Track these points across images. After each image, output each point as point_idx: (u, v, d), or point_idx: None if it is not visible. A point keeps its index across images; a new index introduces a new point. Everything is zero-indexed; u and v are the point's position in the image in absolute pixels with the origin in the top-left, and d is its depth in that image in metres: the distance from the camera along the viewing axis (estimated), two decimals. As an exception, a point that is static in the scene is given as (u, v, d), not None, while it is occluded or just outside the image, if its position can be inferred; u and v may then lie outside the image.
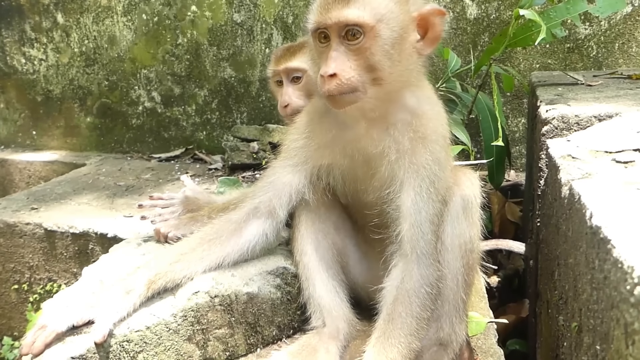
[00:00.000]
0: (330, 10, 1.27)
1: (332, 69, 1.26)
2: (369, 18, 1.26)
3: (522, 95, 3.07)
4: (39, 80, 4.20)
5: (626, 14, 2.84)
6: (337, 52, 1.28)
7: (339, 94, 1.28)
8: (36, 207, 2.79)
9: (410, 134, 1.36)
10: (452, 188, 1.46)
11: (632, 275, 0.72)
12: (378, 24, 1.27)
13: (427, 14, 1.33)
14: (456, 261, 1.45)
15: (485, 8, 3.06)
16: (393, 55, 1.29)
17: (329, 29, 1.29)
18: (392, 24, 1.28)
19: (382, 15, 1.27)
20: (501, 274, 2.42)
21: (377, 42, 1.27)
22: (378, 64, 1.28)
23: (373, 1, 1.28)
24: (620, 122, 1.55)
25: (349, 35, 1.27)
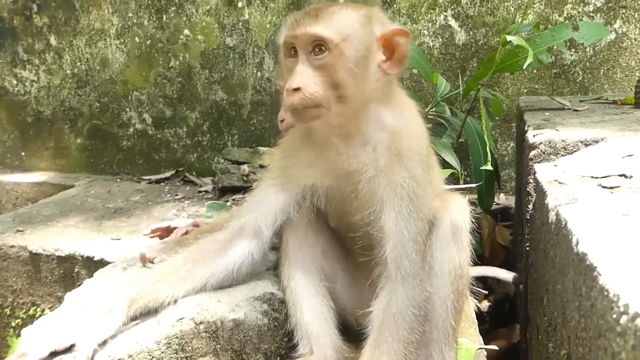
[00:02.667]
0: (299, 25, 1.33)
1: (297, 82, 1.30)
2: (334, 35, 1.30)
3: (511, 120, 3.10)
4: (30, 102, 4.19)
5: (610, 41, 2.89)
6: (304, 67, 1.32)
7: (302, 107, 1.31)
8: (22, 230, 2.75)
9: (386, 151, 1.38)
10: (441, 212, 1.45)
11: (618, 304, 0.71)
12: (343, 42, 1.31)
13: (391, 35, 1.38)
14: (445, 287, 1.43)
15: (473, 34, 3.11)
16: (357, 74, 1.33)
17: (296, 43, 1.33)
18: (356, 43, 1.33)
19: (347, 35, 1.32)
20: (492, 299, 2.40)
21: (341, 60, 1.31)
22: (342, 81, 1.32)
23: (339, 21, 1.33)
24: (606, 147, 1.56)
25: (315, 51, 1.32)
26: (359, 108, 1.38)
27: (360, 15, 1.36)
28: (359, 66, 1.33)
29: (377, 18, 1.40)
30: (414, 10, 3.19)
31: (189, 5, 3.63)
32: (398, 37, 1.38)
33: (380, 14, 1.42)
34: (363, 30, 1.35)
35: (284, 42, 1.37)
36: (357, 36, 1.33)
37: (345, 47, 1.31)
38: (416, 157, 1.40)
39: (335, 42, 1.30)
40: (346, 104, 1.34)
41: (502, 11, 3.04)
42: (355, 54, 1.32)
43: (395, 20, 3.22)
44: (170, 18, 3.68)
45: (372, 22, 1.37)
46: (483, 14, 3.07)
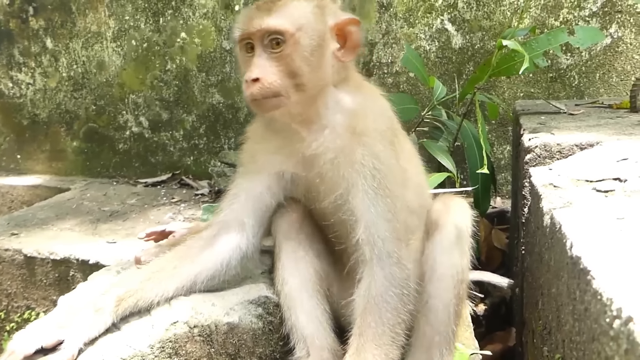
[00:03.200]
0: (253, 19, 1.36)
1: (255, 73, 1.33)
2: (289, 26, 1.35)
3: (507, 123, 3.11)
4: (26, 104, 4.18)
5: (606, 46, 2.90)
6: (261, 58, 1.36)
7: (262, 97, 1.34)
8: (16, 233, 2.74)
9: (344, 132, 1.42)
10: (444, 216, 1.46)
11: (611, 308, 0.71)
12: (298, 32, 1.36)
13: (343, 24, 1.42)
14: (448, 292, 1.43)
15: (469, 38, 3.11)
16: (313, 62, 1.38)
17: (252, 37, 1.37)
18: (311, 32, 1.38)
19: (301, 25, 1.37)
20: (488, 302, 2.40)
21: (297, 49, 1.35)
22: (299, 69, 1.36)
23: (293, 12, 1.38)
24: (601, 151, 1.56)
25: (272, 44, 1.35)
26: (316, 94, 1.41)
27: (312, 6, 1.40)
28: (314, 54, 1.37)
29: (329, 8, 1.44)
30: (410, 14, 3.20)
31: (186, 8, 3.63)
32: (350, 26, 1.42)
33: (332, 5, 1.47)
34: (316, 20, 1.39)
35: (240, 38, 1.40)
36: (311, 26, 1.38)
37: (301, 36, 1.36)
38: (374, 133, 1.40)
39: (290, 32, 1.34)
40: (304, 91, 1.37)
41: (499, 15, 3.05)
42: (310, 43, 1.37)
43: (393, 25, 3.23)
44: (167, 21, 3.68)
45: (324, 12, 1.42)
46: (479, 18, 3.08)
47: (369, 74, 3.33)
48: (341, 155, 1.39)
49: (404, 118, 2.64)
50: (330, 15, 1.43)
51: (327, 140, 1.41)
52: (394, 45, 3.25)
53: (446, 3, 3.12)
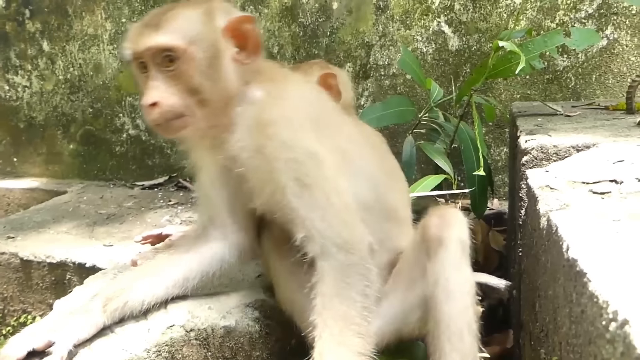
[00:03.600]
0: (141, 38, 1.29)
1: (152, 97, 1.26)
2: (179, 42, 1.27)
3: (504, 125, 3.11)
4: (22, 107, 4.17)
5: (602, 47, 2.91)
6: (156, 79, 1.28)
7: (165, 121, 1.28)
8: (13, 236, 2.73)
9: (254, 126, 1.32)
10: (446, 230, 1.37)
11: (607, 310, 0.71)
12: (190, 46, 1.27)
13: (235, 25, 1.34)
14: (468, 309, 1.34)
15: (466, 40, 3.12)
16: (212, 74, 1.30)
17: (143, 57, 1.29)
18: (204, 43, 1.29)
19: (192, 37, 1.28)
20: (485, 304, 2.40)
21: (192, 64, 1.28)
22: (198, 85, 1.29)
23: (181, 25, 1.29)
24: (598, 153, 1.57)
25: (165, 61, 1.28)
26: (223, 104, 1.34)
27: (200, 13, 1.32)
28: (212, 66, 1.30)
29: (218, 10, 1.36)
30: (407, 16, 3.20)
31: (183, 11, 3.62)
32: (244, 25, 1.34)
33: (221, 5, 1.38)
34: (207, 28, 1.31)
35: (129, 58, 1.33)
36: (203, 36, 1.30)
37: (193, 50, 1.28)
38: (281, 121, 1.30)
39: (181, 48, 1.27)
40: (209, 105, 1.31)
41: (495, 17, 3.06)
42: (205, 55, 1.29)
43: (390, 27, 3.23)
44: (164, 24, 3.67)
45: (213, 16, 1.33)
46: (476, 20, 3.08)
47: (365, 77, 3.34)
48: (255, 153, 1.31)
49: (401, 120, 2.66)
50: (220, 17, 1.34)
51: (240, 139, 1.33)
52: (391, 47, 3.26)
53: (443, 5, 3.13)
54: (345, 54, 3.35)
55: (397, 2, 3.20)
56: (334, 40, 3.35)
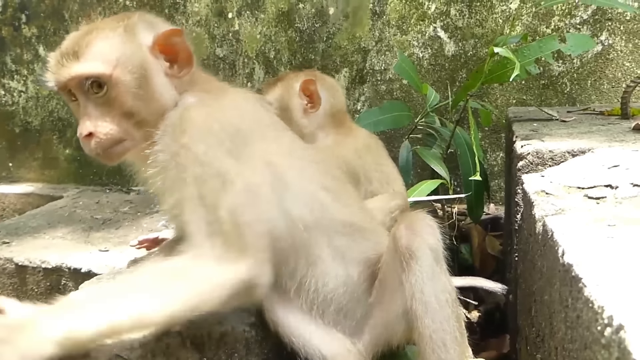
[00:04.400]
0: (62, 67, 1.21)
1: (87, 128, 1.21)
2: (102, 68, 1.19)
3: (501, 130, 3.12)
4: (18, 112, 4.16)
5: (597, 53, 2.93)
6: (88, 108, 1.22)
7: (103, 150, 1.23)
8: (8, 241, 2.72)
9: (172, 132, 1.23)
10: (415, 240, 1.32)
11: (603, 316, 0.71)
12: (115, 71, 1.20)
13: (163, 40, 1.27)
14: (449, 320, 1.30)
15: (462, 45, 3.13)
16: (144, 95, 1.23)
17: (69, 86, 1.23)
18: (129, 65, 1.22)
19: (116, 61, 1.20)
20: (482, 309, 2.40)
21: (121, 89, 1.21)
22: (132, 109, 1.22)
23: (101, 49, 1.21)
24: (593, 158, 1.57)
25: (93, 89, 1.21)
26: (160, 120, 1.27)
27: (120, 33, 1.24)
28: (142, 86, 1.23)
29: (141, 26, 1.28)
30: (403, 21, 3.21)
31: (179, 16, 3.63)
32: (172, 39, 1.27)
33: (142, 19, 1.30)
34: (130, 48, 1.23)
35: (54, 87, 1.25)
36: (127, 57, 1.22)
37: (120, 74, 1.20)
38: (201, 133, 1.19)
39: (106, 74, 1.19)
40: (147, 124, 1.24)
41: (491, 23, 3.07)
42: (134, 76, 1.22)
43: (386, 32, 3.24)
44: (161, 29, 3.68)
45: (135, 34, 1.26)
46: (472, 25, 3.10)
47: (362, 82, 3.34)
48: (170, 158, 1.21)
49: (398, 125, 2.67)
50: (145, 34, 1.27)
51: (160, 144, 1.24)
52: (387, 52, 3.27)
53: (439, 11, 3.14)
54: (342, 59, 3.35)
55: (393, 8, 3.22)
56: (331, 45, 3.36)
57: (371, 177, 1.93)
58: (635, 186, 1.25)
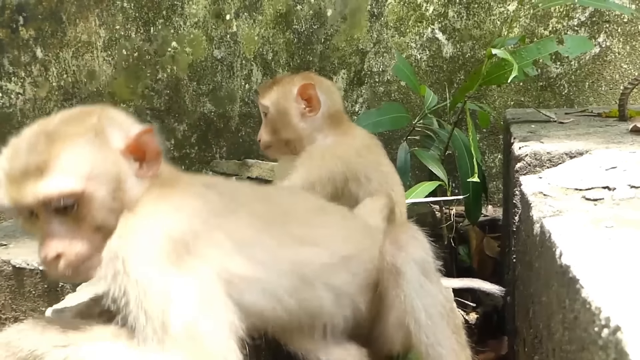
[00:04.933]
0: (22, 187, 1.03)
1: (55, 249, 1.05)
2: (74, 185, 1.04)
3: (499, 132, 3.12)
4: (15, 114, 4.15)
5: (594, 55, 2.93)
6: (51, 226, 1.05)
7: (74, 270, 1.08)
8: (5, 244, 2.70)
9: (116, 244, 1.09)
10: (398, 256, 1.28)
11: (600, 317, 0.71)
12: (88, 186, 1.05)
13: (135, 141, 1.14)
14: (444, 332, 1.26)
15: (460, 47, 3.14)
16: (115, 205, 1.09)
17: (31, 208, 1.06)
18: (103, 176, 1.08)
19: (88, 174, 1.05)
20: (480, 311, 2.40)
21: (94, 203, 1.06)
22: (104, 222, 1.08)
23: (72, 162, 1.05)
24: (591, 160, 1.57)
25: (59, 208, 1.05)
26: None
27: (90, 140, 1.08)
28: (115, 197, 1.09)
29: (110, 128, 1.13)
30: (401, 23, 3.22)
31: (177, 17, 3.63)
32: (142, 138, 1.14)
33: (109, 119, 1.16)
34: (103, 156, 1.09)
35: (8, 209, 1.07)
36: (101, 167, 1.08)
37: (94, 188, 1.06)
38: (139, 252, 1.07)
39: (78, 192, 1.04)
40: (110, 233, 1.10)
41: (489, 24, 3.08)
42: (107, 188, 1.08)
43: (384, 34, 3.25)
44: (158, 30, 3.68)
45: (106, 137, 1.11)
46: (470, 27, 3.10)
47: (360, 83, 3.35)
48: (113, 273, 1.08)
49: (396, 126, 2.67)
50: (115, 136, 1.13)
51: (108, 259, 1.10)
52: (385, 54, 3.27)
53: (437, 12, 3.15)
54: (340, 61, 3.36)
55: (391, 9, 3.22)
56: (329, 47, 3.36)
57: (371, 176, 1.93)
58: (632, 188, 1.25)
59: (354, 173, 1.90)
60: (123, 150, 1.13)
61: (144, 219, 1.11)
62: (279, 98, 1.97)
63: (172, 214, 1.14)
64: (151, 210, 1.14)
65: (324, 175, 1.85)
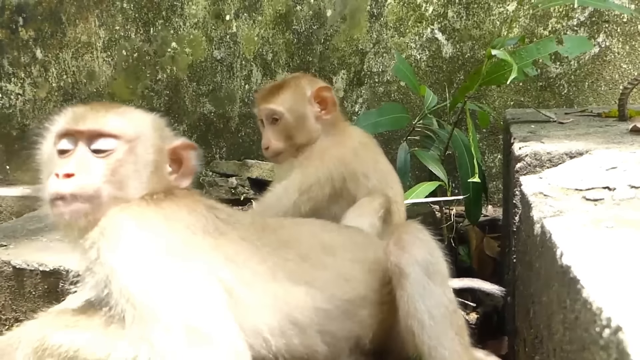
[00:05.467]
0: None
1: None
2: (127, 130, 1.26)
3: (498, 132, 3.12)
4: (15, 115, 4.15)
5: (594, 55, 2.94)
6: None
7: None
8: (5, 244, 2.70)
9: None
10: (402, 257, 1.27)
11: (601, 317, 0.71)
12: (134, 139, 1.26)
13: (179, 148, 1.34)
14: (447, 334, 1.25)
15: (460, 47, 3.14)
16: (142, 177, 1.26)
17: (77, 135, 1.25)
18: (148, 144, 1.29)
19: (139, 133, 1.28)
20: (480, 311, 2.40)
21: (130, 156, 1.24)
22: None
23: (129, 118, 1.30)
24: (591, 160, 1.57)
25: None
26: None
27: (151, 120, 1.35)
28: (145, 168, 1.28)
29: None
30: (401, 23, 3.22)
31: (177, 18, 3.63)
32: (185, 151, 1.36)
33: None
34: (153, 135, 1.33)
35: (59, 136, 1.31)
36: (148, 138, 1.31)
37: (137, 144, 1.27)
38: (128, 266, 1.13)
39: (129, 136, 1.28)
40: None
41: (488, 25, 3.08)
42: (146, 155, 1.28)
43: (384, 34, 3.25)
44: (158, 31, 3.68)
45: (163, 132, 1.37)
46: (469, 27, 3.10)
47: (359, 84, 3.35)
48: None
49: (396, 127, 2.67)
50: (165, 136, 1.37)
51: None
52: (385, 54, 3.27)
53: (436, 12, 3.15)
54: (339, 61, 3.36)
55: (391, 10, 3.22)
56: (328, 47, 3.36)
57: (370, 174, 1.93)
58: (632, 188, 1.25)
59: (352, 172, 1.90)
60: (168, 149, 1.36)
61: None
62: (294, 102, 1.92)
63: (161, 218, 1.21)
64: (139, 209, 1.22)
65: (322, 176, 1.85)
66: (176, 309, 1.08)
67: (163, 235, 1.17)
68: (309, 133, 1.93)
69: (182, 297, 1.10)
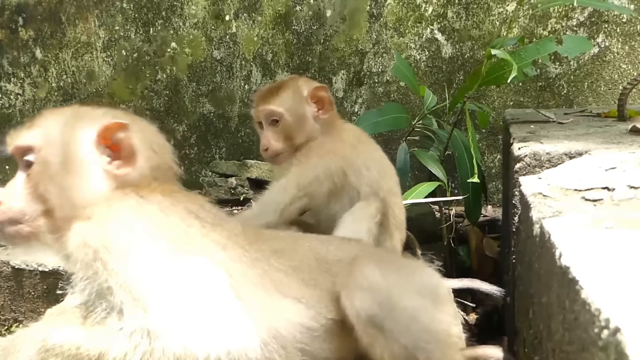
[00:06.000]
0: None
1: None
2: (39, 139, 1.21)
3: (498, 132, 3.13)
4: (15, 115, 4.15)
5: (593, 55, 2.94)
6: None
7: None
8: (4, 245, 2.70)
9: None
10: (352, 307, 1.19)
11: (600, 318, 0.71)
12: (45, 148, 1.21)
13: (104, 133, 1.21)
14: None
15: (459, 47, 3.14)
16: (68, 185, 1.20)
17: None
18: (61, 144, 1.22)
19: (49, 138, 1.22)
20: (480, 311, 2.40)
21: (47, 164, 1.20)
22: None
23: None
24: (590, 160, 1.57)
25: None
26: None
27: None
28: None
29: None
30: (400, 23, 3.22)
31: (176, 18, 3.63)
32: (118, 133, 1.22)
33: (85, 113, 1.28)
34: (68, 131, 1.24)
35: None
36: (58, 140, 1.22)
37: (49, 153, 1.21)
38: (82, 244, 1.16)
39: (38, 146, 1.23)
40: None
41: (488, 25, 3.08)
42: (59, 160, 1.21)
43: (383, 34, 3.25)
44: (157, 31, 3.68)
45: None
46: (469, 27, 3.10)
47: (359, 84, 3.35)
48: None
49: (396, 127, 2.67)
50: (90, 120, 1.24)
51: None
52: (385, 54, 3.27)
53: (436, 13, 3.15)
54: (339, 62, 3.36)
55: (390, 10, 3.22)
56: (328, 47, 3.36)
57: (370, 165, 1.94)
58: (632, 188, 1.25)
59: (353, 165, 1.90)
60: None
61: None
62: (293, 103, 1.93)
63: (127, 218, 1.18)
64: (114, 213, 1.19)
65: (321, 172, 1.85)
66: (172, 298, 1.08)
67: (147, 230, 1.16)
68: (307, 133, 1.93)
69: (176, 287, 1.10)
